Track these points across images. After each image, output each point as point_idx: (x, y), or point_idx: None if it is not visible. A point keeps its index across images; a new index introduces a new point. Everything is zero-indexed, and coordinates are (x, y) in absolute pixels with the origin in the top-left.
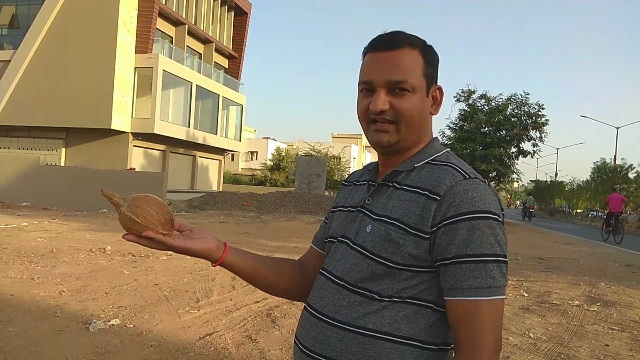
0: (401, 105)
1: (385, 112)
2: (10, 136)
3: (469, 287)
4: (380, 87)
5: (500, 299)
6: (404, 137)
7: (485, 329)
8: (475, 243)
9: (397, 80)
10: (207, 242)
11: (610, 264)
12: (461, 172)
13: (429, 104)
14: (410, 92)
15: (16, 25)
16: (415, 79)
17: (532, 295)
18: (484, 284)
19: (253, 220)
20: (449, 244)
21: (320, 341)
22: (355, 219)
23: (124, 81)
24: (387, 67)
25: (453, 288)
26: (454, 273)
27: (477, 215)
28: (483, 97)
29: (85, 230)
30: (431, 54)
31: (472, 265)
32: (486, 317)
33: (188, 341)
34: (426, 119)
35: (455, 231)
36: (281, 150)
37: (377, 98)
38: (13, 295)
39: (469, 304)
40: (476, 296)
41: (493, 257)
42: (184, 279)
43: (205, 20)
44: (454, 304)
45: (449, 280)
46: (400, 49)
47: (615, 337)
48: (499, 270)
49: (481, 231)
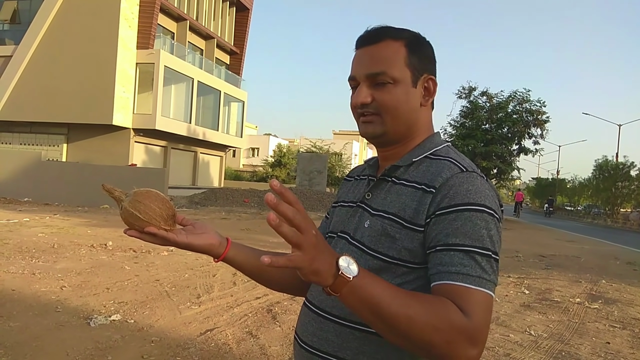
0: (382, 97)
1: (369, 104)
2: (12, 132)
3: (457, 272)
4: (362, 81)
5: (490, 295)
6: (390, 129)
7: (479, 310)
8: (466, 234)
9: (375, 72)
10: (210, 238)
11: (611, 262)
12: (458, 165)
13: (418, 95)
14: (391, 84)
15: (18, 21)
16: (396, 70)
17: (533, 293)
18: (474, 273)
19: (254, 217)
20: (438, 232)
21: (319, 336)
22: (355, 214)
23: (125, 77)
24: (367, 61)
25: (440, 272)
26: (441, 259)
27: (470, 207)
28: (484, 94)
29: (86, 225)
30: (419, 45)
31: (461, 254)
32: (478, 302)
33: (189, 337)
34: (414, 111)
35: (447, 221)
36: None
37: (359, 92)
38: (14, 290)
39: (458, 288)
40: (465, 282)
41: (483, 251)
42: (185, 274)
43: (207, 16)
44: (442, 287)
45: (437, 266)
46: (380, 42)
47: (617, 335)
48: (489, 265)
49: (473, 223)
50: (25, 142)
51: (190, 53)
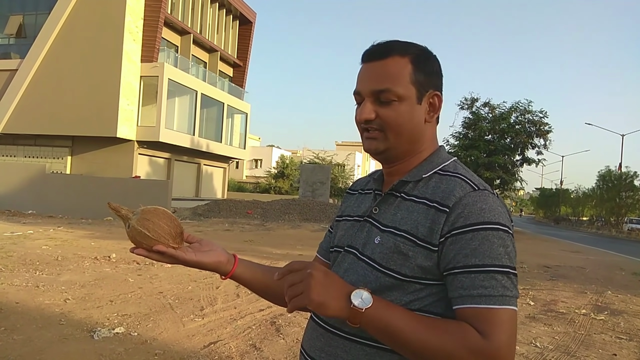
0: (386, 114)
1: (372, 121)
2: (17, 144)
3: (479, 295)
4: (367, 97)
5: (513, 310)
6: (393, 145)
7: (500, 330)
8: (484, 254)
9: (380, 89)
10: (217, 255)
11: (617, 273)
12: (470, 183)
13: (423, 112)
14: (396, 101)
15: (23, 35)
16: (401, 87)
17: (539, 304)
18: (496, 293)
19: (257, 228)
20: (456, 254)
21: (327, 352)
22: (363, 229)
23: (129, 90)
24: (373, 77)
25: (462, 296)
26: (462, 282)
27: (485, 227)
28: (486, 104)
29: (90, 238)
30: (426, 61)
31: (481, 275)
32: (501, 322)
33: (192, 350)
34: (419, 127)
35: (464, 241)
36: (285, 158)
37: (362, 108)
38: (18, 303)
39: (481, 311)
40: (488, 304)
41: (502, 268)
42: (189, 287)
43: (211, 30)
44: (465, 312)
45: (458, 290)
46: (387, 58)
47: (623, 347)
48: (509, 282)
49: (490, 242)
50: (30, 155)
51: (193, 66)
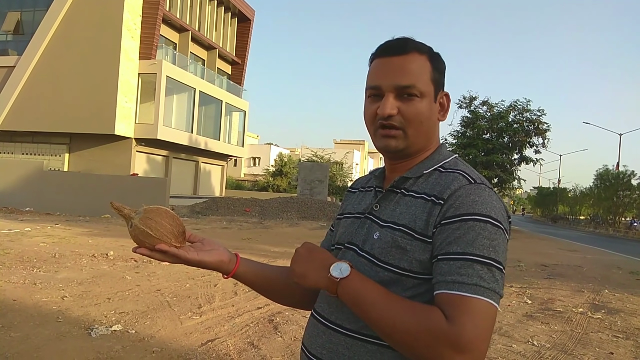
0: (409, 110)
1: (393, 117)
2: (14, 141)
3: (453, 282)
4: (389, 92)
5: (487, 302)
6: (412, 143)
7: (467, 319)
8: (466, 242)
9: (405, 85)
10: (219, 254)
11: (614, 271)
12: (467, 177)
13: (437, 110)
14: (418, 97)
15: (21, 32)
16: (423, 84)
17: (536, 303)
18: (470, 281)
19: (255, 226)
20: (442, 242)
21: (328, 349)
22: (363, 226)
23: (127, 87)
24: (396, 72)
25: (438, 282)
26: (441, 269)
27: (474, 217)
28: (485, 103)
29: (87, 235)
30: (438, 61)
31: (459, 262)
32: (470, 310)
33: (190, 347)
34: (434, 125)
35: (450, 230)
36: (284, 156)
37: (385, 102)
38: (15, 300)
39: (452, 297)
40: (459, 291)
41: (483, 259)
42: (186, 284)
43: (209, 27)
44: (439, 297)
45: (437, 276)
46: (408, 54)
47: (620, 345)
48: (490, 274)
49: (476, 232)
50: (27, 152)
51: (192, 63)
